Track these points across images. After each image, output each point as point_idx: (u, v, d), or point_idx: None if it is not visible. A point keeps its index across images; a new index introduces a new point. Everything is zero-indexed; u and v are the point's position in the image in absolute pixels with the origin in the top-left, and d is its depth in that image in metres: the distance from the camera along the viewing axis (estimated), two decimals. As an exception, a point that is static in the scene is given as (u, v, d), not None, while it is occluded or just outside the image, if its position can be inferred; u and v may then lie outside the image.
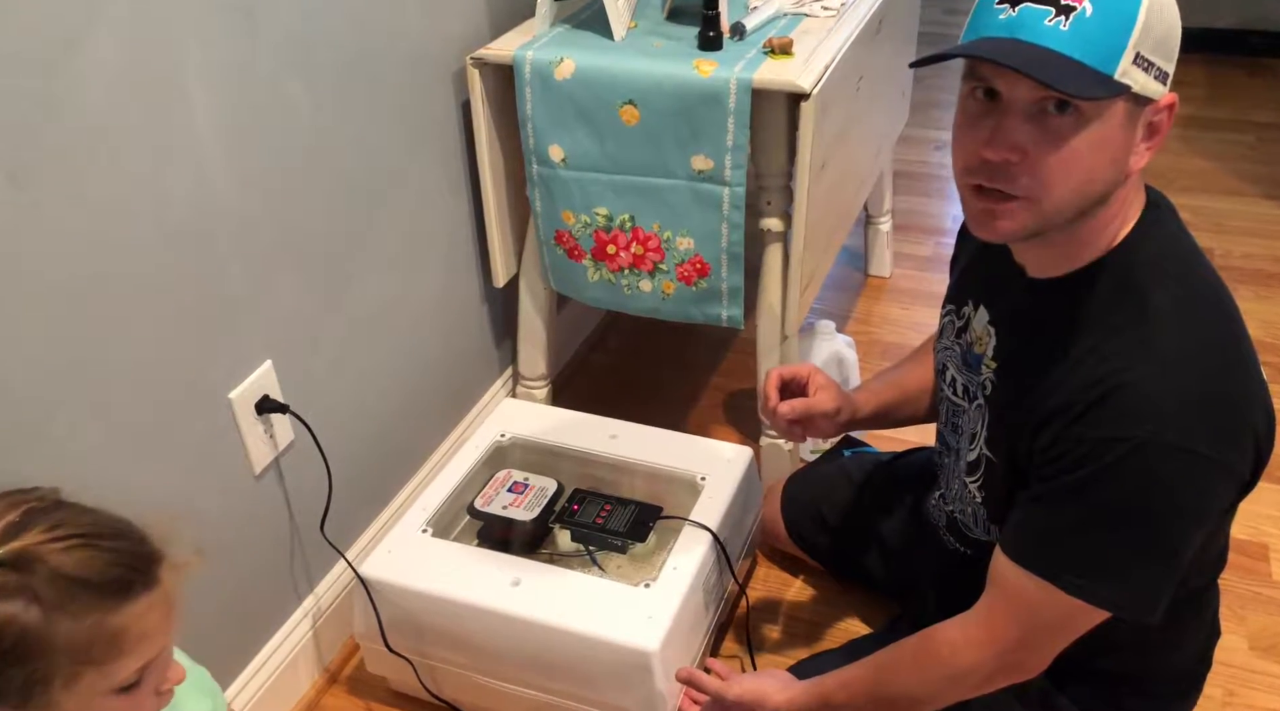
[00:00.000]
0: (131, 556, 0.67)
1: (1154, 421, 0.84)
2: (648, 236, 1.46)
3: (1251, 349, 0.92)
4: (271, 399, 1.20)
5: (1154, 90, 0.81)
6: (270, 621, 1.31)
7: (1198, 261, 0.93)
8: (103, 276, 0.97)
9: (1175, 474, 0.85)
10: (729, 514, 1.32)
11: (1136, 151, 0.85)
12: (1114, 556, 0.89)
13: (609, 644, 1.14)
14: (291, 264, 1.22)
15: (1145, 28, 0.79)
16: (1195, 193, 2.49)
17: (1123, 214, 0.90)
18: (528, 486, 1.34)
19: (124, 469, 1.03)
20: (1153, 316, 0.87)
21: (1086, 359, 0.88)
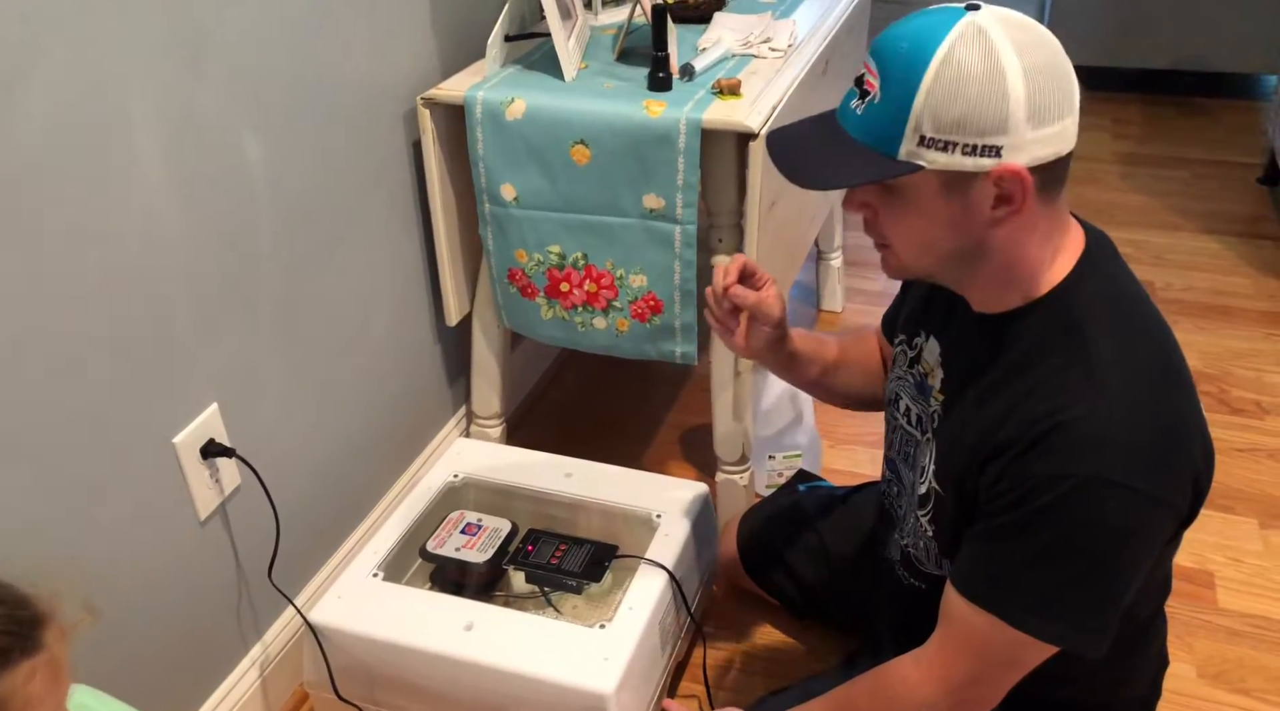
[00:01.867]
0: (8, 622, 0.64)
1: (1096, 459, 0.85)
2: (601, 274, 1.47)
3: (1191, 386, 0.93)
4: (217, 443, 1.18)
5: (966, 165, 0.83)
6: (217, 670, 1.27)
7: (1137, 300, 0.95)
8: (40, 321, 0.95)
9: (1117, 510, 0.86)
10: (685, 551, 1.31)
11: (988, 218, 0.86)
12: (1059, 592, 0.90)
13: (565, 687, 1.12)
14: (239, 305, 1.20)
15: (926, 112, 0.82)
16: (1136, 227, 2.56)
17: (1051, 258, 0.91)
18: (481, 527, 1.33)
19: (61, 516, 1.00)
20: (1093, 355, 0.88)
21: (1028, 397, 0.90)
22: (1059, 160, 0.85)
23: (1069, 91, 0.83)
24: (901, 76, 0.83)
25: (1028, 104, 0.81)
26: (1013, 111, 0.81)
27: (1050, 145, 0.83)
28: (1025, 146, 0.82)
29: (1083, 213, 0.96)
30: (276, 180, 1.23)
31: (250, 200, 1.19)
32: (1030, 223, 0.88)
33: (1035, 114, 0.81)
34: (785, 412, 1.71)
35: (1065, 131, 0.84)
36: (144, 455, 1.09)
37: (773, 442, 1.72)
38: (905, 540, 1.15)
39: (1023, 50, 0.81)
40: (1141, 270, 0.98)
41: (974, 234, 0.88)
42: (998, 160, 0.83)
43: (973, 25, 0.82)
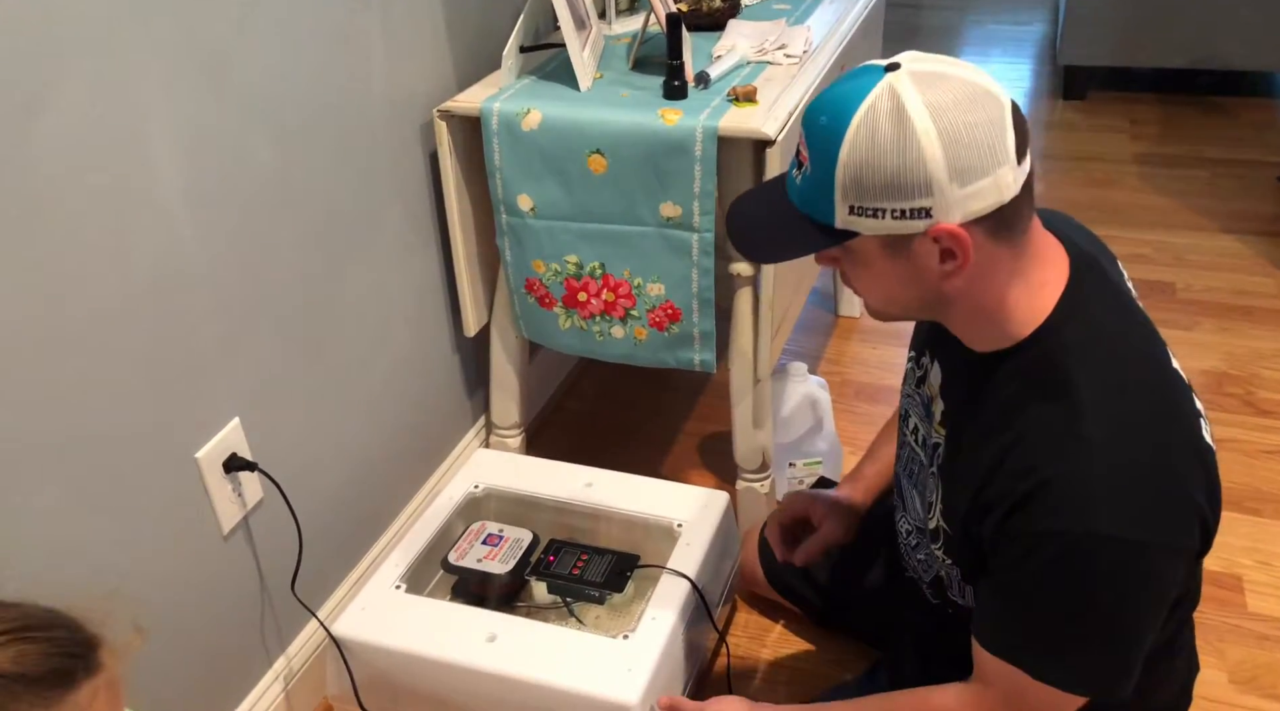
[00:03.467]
0: (69, 644, 0.64)
1: (1082, 514, 0.84)
2: (618, 283, 1.47)
3: (1188, 420, 0.91)
4: (239, 457, 1.18)
5: (901, 228, 0.83)
6: (241, 684, 1.27)
7: (1124, 336, 0.92)
8: (63, 338, 0.95)
9: (1113, 563, 0.85)
10: (707, 560, 1.31)
11: (938, 272, 0.86)
12: (1075, 645, 0.90)
13: (589, 698, 1.12)
14: (259, 320, 1.21)
15: (849, 182, 0.83)
16: (1155, 228, 2.53)
17: (1029, 296, 0.90)
18: (502, 538, 1.33)
19: (86, 532, 1.00)
20: (1077, 403, 0.86)
21: (1015, 447, 0.88)
22: (1009, 208, 0.83)
23: (996, 144, 0.81)
24: (823, 148, 0.84)
25: (947, 166, 0.80)
26: (933, 174, 0.80)
27: (982, 199, 0.82)
28: (954, 205, 0.82)
29: (1101, 214, 0.96)
30: (294, 194, 1.24)
31: (268, 215, 1.20)
32: (989, 270, 0.87)
33: (957, 174, 0.81)
34: (805, 419, 1.71)
35: (999, 182, 0.82)
36: (167, 471, 1.10)
37: (793, 450, 1.71)
38: (923, 567, 1.14)
39: (937, 112, 0.80)
40: (1161, 271, 0.97)
41: (930, 287, 0.88)
42: (930, 221, 0.83)
43: (886, 91, 0.81)
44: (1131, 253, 2.39)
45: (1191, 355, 2.04)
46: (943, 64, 0.83)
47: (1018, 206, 0.84)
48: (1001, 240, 0.86)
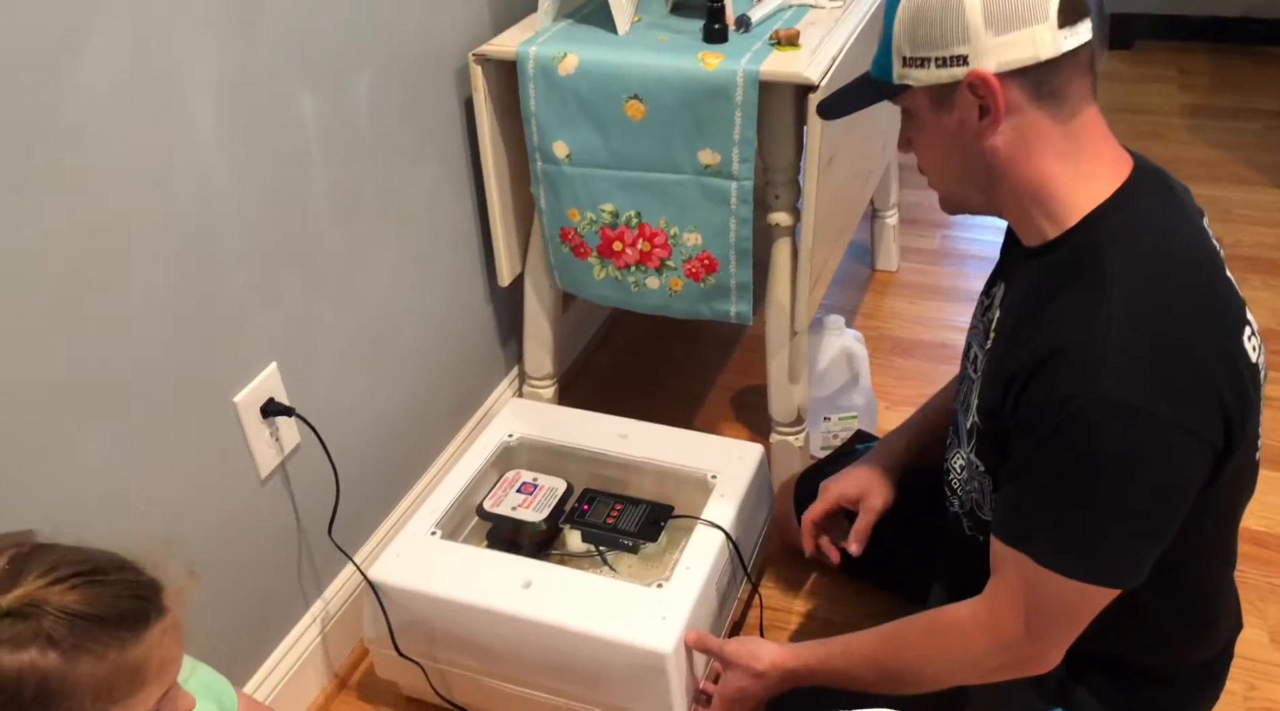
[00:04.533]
0: (137, 586, 0.66)
1: (1093, 378, 0.83)
2: (654, 232, 1.45)
3: (1228, 325, 0.88)
4: (277, 402, 1.18)
5: (943, 77, 0.89)
6: (278, 626, 1.29)
7: (1174, 232, 0.90)
8: (103, 282, 0.95)
9: (1121, 432, 0.83)
10: (741, 512, 1.30)
11: (978, 129, 0.90)
12: (1080, 525, 0.87)
13: (622, 645, 1.12)
14: (294, 266, 1.20)
15: (903, 36, 0.91)
16: (1203, 182, 2.47)
17: (1078, 181, 0.90)
18: (537, 487, 1.33)
19: (127, 475, 1.01)
20: (1108, 281, 0.86)
21: (1041, 326, 0.89)
22: (1048, 70, 0.86)
23: (1040, 3, 0.85)
24: (888, 10, 0.92)
25: (984, 11, 0.85)
26: (970, 20, 0.86)
27: (1017, 50, 0.85)
28: (989, 52, 0.86)
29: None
30: (328, 140, 1.22)
31: (303, 160, 1.19)
32: (1032, 138, 0.89)
33: (993, 20, 0.85)
34: (841, 373, 1.69)
35: (1036, 37, 0.85)
36: (205, 414, 1.10)
37: (828, 403, 1.69)
38: (967, 487, 1.13)
39: None
40: (1210, 227, 0.93)
41: (974, 148, 0.91)
42: (966, 68, 0.88)
43: None
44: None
45: (1238, 312, 2.00)
46: None
47: (1062, 73, 0.87)
48: (1045, 107, 0.88)
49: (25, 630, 0.60)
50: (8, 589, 0.61)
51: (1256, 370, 0.91)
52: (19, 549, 0.65)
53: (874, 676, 1.05)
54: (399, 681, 1.34)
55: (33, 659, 0.60)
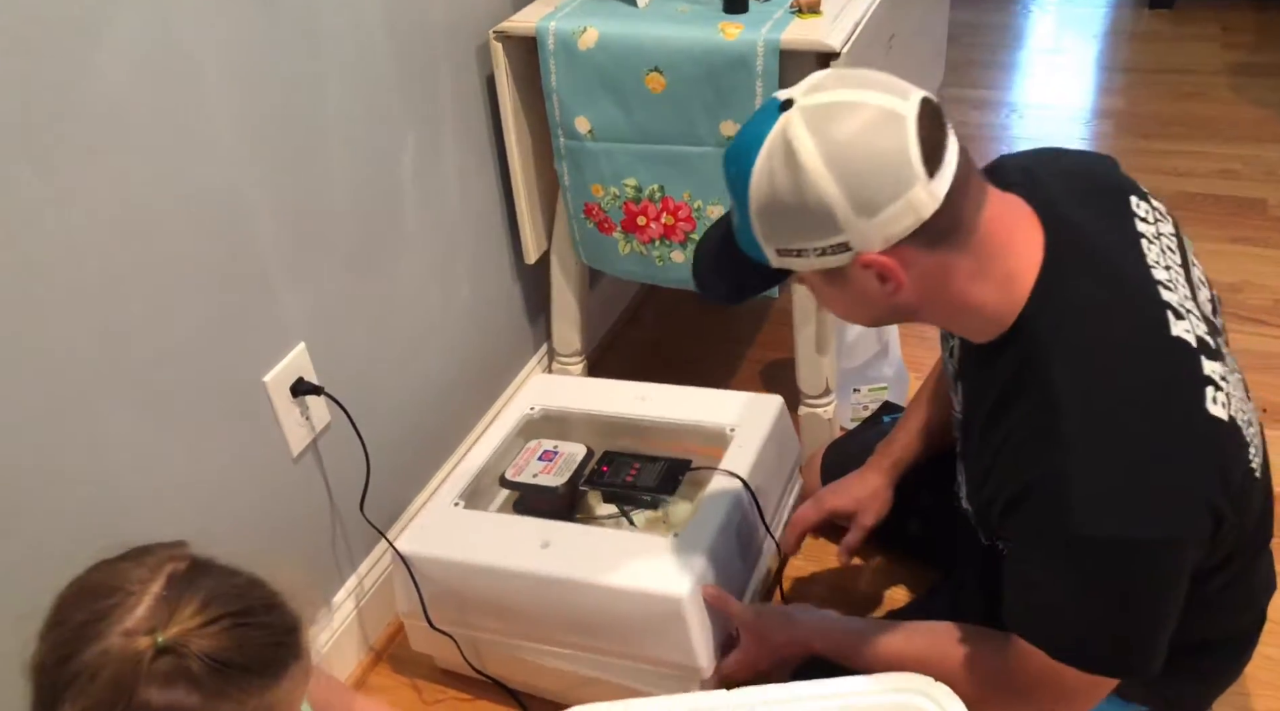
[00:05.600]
0: (280, 631, 0.66)
1: (1064, 520, 0.83)
2: (678, 206, 1.44)
3: (1186, 399, 0.84)
4: (306, 381, 1.20)
5: (828, 263, 0.83)
6: (315, 602, 1.32)
7: (1110, 316, 0.86)
8: (132, 263, 0.97)
9: (1102, 564, 0.84)
10: (760, 461, 1.29)
11: (885, 292, 0.85)
12: (1084, 632, 0.89)
13: (638, 593, 1.12)
14: (319, 245, 1.22)
15: (766, 231, 0.84)
16: (1247, 142, 2.40)
17: (1001, 287, 0.87)
18: (557, 453, 1.34)
19: (161, 452, 1.04)
20: (1055, 402, 0.84)
21: (1003, 448, 0.88)
22: (935, 218, 0.80)
23: (899, 168, 0.78)
24: (739, 197, 0.85)
25: (849, 201, 0.79)
26: (836, 212, 0.80)
27: (898, 222, 0.80)
28: (869, 234, 0.81)
29: (1188, 128, 0.91)
30: (350, 120, 1.23)
31: (324, 140, 1.20)
32: (942, 277, 0.85)
33: (862, 207, 0.80)
34: (870, 345, 1.67)
35: (912, 203, 0.79)
36: (236, 394, 1.13)
37: (857, 375, 1.68)
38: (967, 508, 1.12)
39: (829, 151, 0.79)
40: (1252, 188, 0.91)
41: (885, 304, 0.87)
42: (851, 252, 0.82)
43: (780, 134, 0.81)
44: (1220, 168, 2.27)
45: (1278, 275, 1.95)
46: (840, 88, 0.81)
47: (952, 213, 0.81)
48: (944, 248, 0.83)
49: (174, 667, 0.61)
50: (165, 624, 0.61)
51: (1232, 428, 0.87)
52: (176, 567, 0.65)
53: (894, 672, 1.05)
54: (434, 654, 1.36)
55: (178, 698, 0.61)
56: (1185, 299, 0.90)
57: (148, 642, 0.60)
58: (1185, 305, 0.89)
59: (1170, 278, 0.91)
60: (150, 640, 0.60)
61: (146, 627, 0.61)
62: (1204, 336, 0.88)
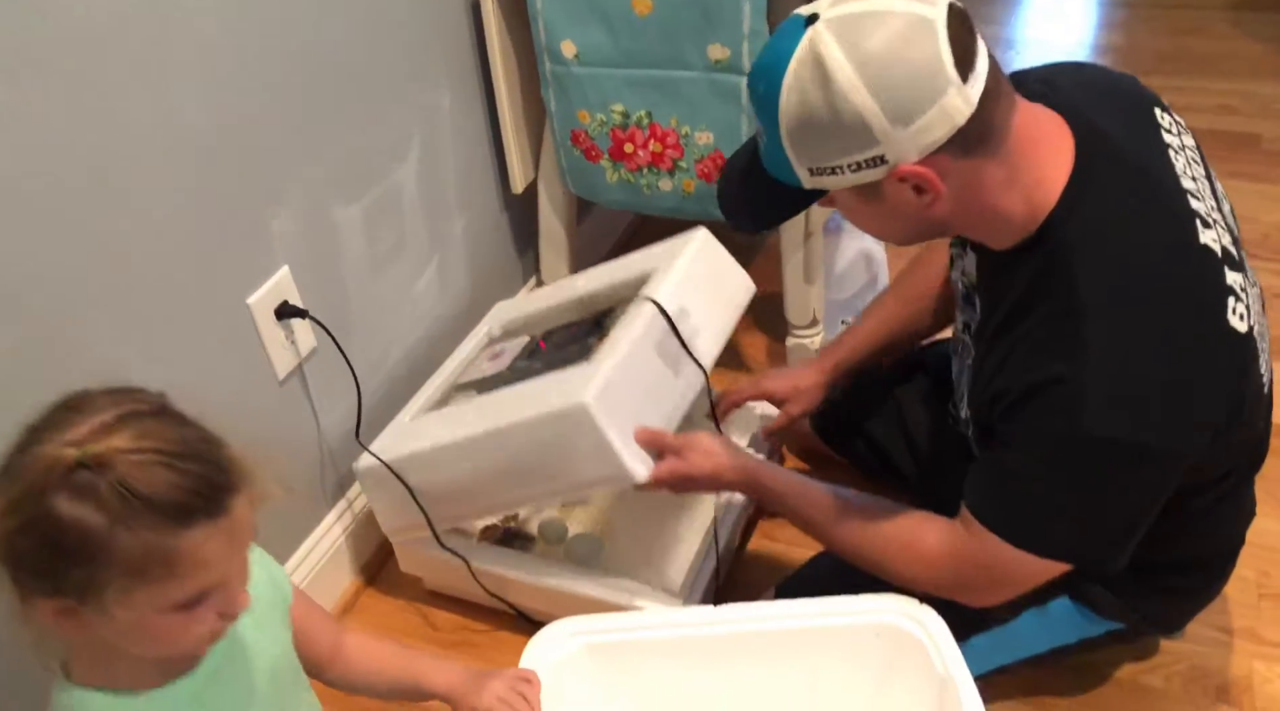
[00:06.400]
0: (202, 482, 0.65)
1: (1075, 417, 0.83)
2: (666, 132, 1.43)
3: (1209, 309, 0.85)
4: (290, 304, 1.20)
5: (863, 178, 0.83)
6: (304, 525, 1.33)
7: (1138, 223, 0.86)
8: (108, 178, 0.96)
9: (1101, 462, 0.85)
10: (678, 284, 1.24)
11: (921, 205, 0.85)
12: (1055, 524, 0.90)
13: (550, 416, 1.09)
14: (303, 169, 1.21)
15: (799, 151, 0.83)
16: (1243, 77, 2.37)
17: (1030, 194, 0.86)
18: (504, 350, 1.34)
19: (143, 373, 1.03)
20: (1079, 305, 0.84)
21: (1021, 346, 0.88)
22: (970, 124, 0.79)
23: (933, 73, 0.77)
24: (768, 122, 0.84)
25: (884, 112, 0.78)
26: (872, 124, 0.79)
27: (934, 131, 0.79)
28: (906, 144, 0.80)
29: (1185, 64, 0.89)
30: (335, 41, 1.22)
31: (308, 63, 1.18)
32: (975, 185, 0.84)
33: (898, 115, 0.78)
34: (859, 276, 1.67)
35: (946, 109, 0.78)
36: (220, 315, 1.13)
37: (846, 306, 1.68)
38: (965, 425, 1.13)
39: (860, 62, 0.78)
40: (1247, 123, 0.91)
41: (920, 217, 0.87)
42: (887, 165, 0.81)
43: (808, 49, 0.79)
44: (1217, 104, 2.25)
45: (1274, 210, 1.94)
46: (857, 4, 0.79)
47: (985, 118, 0.81)
48: (978, 155, 0.83)
49: (88, 483, 0.62)
50: (96, 440, 0.62)
51: (1249, 340, 0.87)
52: (138, 408, 0.66)
53: (823, 536, 1.06)
54: (424, 577, 1.38)
55: (84, 514, 0.61)
56: (1212, 209, 0.90)
57: (72, 454, 0.61)
58: (1212, 215, 0.89)
59: (1197, 188, 0.91)
60: (75, 452, 0.61)
61: (78, 442, 0.62)
62: (1229, 247, 0.89)
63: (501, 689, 0.91)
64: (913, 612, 0.97)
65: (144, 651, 0.71)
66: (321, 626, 0.92)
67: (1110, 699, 1.18)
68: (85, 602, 0.64)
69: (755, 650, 1.00)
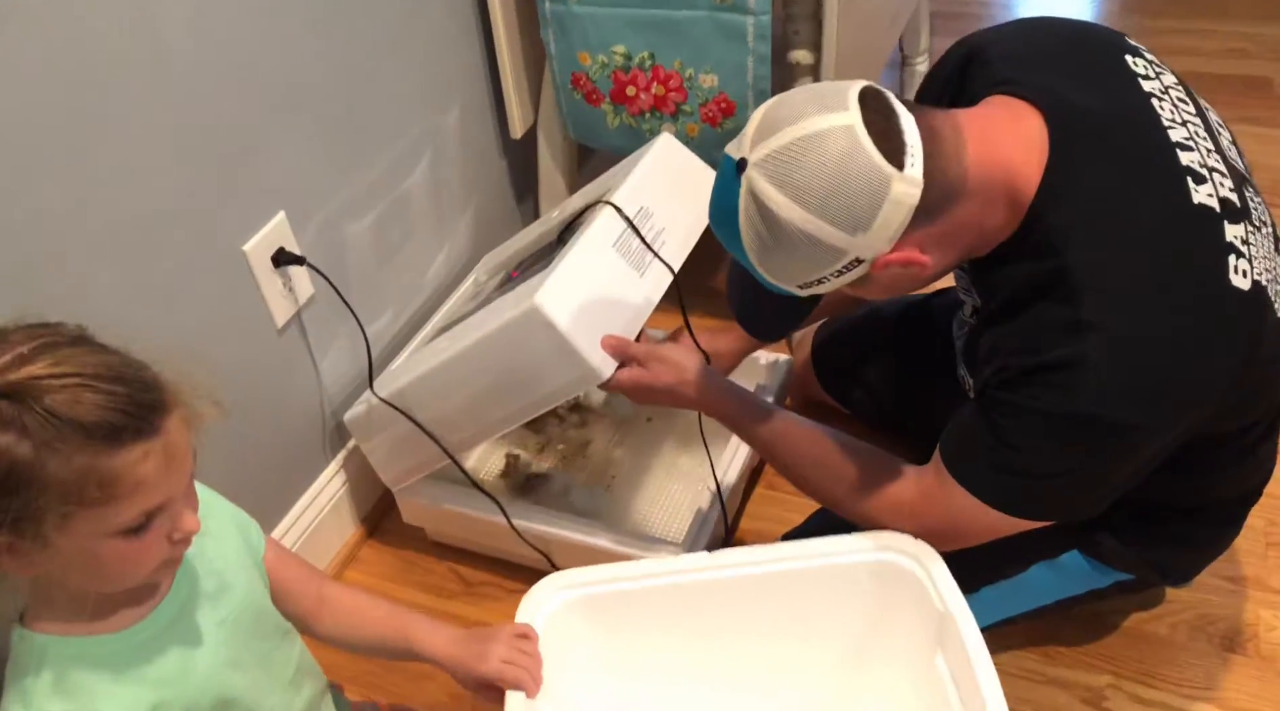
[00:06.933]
0: (129, 402, 0.64)
1: (1070, 396, 0.83)
2: (669, 75, 1.39)
3: (1207, 273, 0.83)
4: (287, 251, 1.17)
5: (849, 279, 0.85)
6: (305, 476, 1.32)
7: (1122, 197, 0.84)
8: (101, 119, 0.93)
9: (1092, 439, 0.84)
10: (639, 187, 1.22)
11: (910, 276, 0.86)
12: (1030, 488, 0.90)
13: (511, 323, 1.08)
14: (299, 113, 1.17)
15: (779, 280, 0.87)
16: (1254, 20, 2.32)
17: (1008, 208, 0.85)
18: (485, 288, 1.32)
19: (142, 319, 1.01)
20: (1072, 291, 0.83)
21: (1018, 334, 0.87)
22: (926, 194, 0.80)
23: (869, 177, 0.79)
24: (744, 260, 0.88)
25: (839, 228, 0.81)
26: (833, 241, 0.81)
27: (892, 223, 0.81)
28: (872, 243, 0.82)
29: (1193, 8, 0.86)
30: (327, -24, 1.18)
31: (304, 4, 1.14)
32: (955, 229, 0.84)
33: (853, 227, 0.81)
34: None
35: (897, 199, 0.80)
36: (216, 263, 1.10)
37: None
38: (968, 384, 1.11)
39: (799, 195, 0.80)
40: (1259, 67, 0.87)
41: (922, 278, 0.88)
42: (867, 263, 0.84)
43: (748, 195, 0.82)
44: (1228, 48, 2.20)
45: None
46: (782, 126, 0.81)
47: (938, 182, 0.81)
48: (948, 208, 0.83)
49: (9, 413, 0.61)
50: (14, 369, 0.62)
51: (1256, 295, 0.84)
52: (55, 338, 0.65)
53: (787, 468, 1.05)
54: (426, 527, 1.37)
55: (8, 443, 0.61)
56: (1207, 153, 0.88)
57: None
58: (1207, 162, 0.87)
59: (1188, 135, 0.88)
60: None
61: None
62: (1228, 195, 0.86)
63: (504, 650, 0.88)
64: (909, 549, 0.95)
65: (98, 585, 0.70)
66: (300, 577, 0.90)
67: (1117, 648, 1.18)
68: (24, 535, 0.63)
69: (750, 594, 0.98)
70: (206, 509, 0.75)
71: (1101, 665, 1.17)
